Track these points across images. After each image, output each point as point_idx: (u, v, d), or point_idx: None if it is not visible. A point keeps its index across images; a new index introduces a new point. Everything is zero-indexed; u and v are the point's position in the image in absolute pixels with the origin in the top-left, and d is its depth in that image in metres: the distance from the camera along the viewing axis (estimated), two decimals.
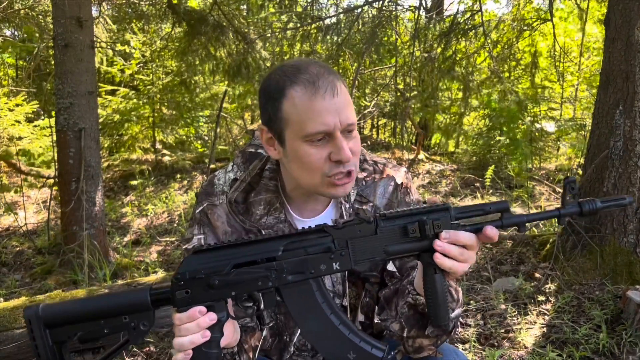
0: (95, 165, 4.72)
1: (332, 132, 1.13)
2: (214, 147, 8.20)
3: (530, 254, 3.85)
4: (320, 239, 1.04)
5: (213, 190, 1.34)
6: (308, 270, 1.03)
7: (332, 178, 1.16)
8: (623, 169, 3.16)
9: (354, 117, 1.17)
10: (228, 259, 1.02)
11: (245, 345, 1.25)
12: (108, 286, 3.39)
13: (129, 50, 8.46)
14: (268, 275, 1.02)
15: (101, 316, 1.04)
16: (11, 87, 9.58)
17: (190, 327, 1.01)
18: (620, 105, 3.17)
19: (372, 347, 1.07)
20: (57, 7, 4.55)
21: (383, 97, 9.32)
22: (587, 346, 2.53)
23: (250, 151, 1.39)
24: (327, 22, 6.27)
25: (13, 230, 6.50)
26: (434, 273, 1.04)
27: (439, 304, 1.05)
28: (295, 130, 1.15)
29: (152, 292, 1.04)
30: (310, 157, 1.15)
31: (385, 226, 1.03)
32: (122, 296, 1.06)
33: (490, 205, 1.05)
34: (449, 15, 6.67)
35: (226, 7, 6.28)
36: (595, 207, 1.04)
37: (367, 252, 1.03)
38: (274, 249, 1.02)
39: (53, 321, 1.03)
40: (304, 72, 1.14)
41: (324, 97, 1.12)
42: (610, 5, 3.32)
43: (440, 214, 1.03)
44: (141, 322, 1.04)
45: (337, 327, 1.06)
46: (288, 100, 1.14)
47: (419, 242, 1.03)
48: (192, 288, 1.02)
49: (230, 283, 1.02)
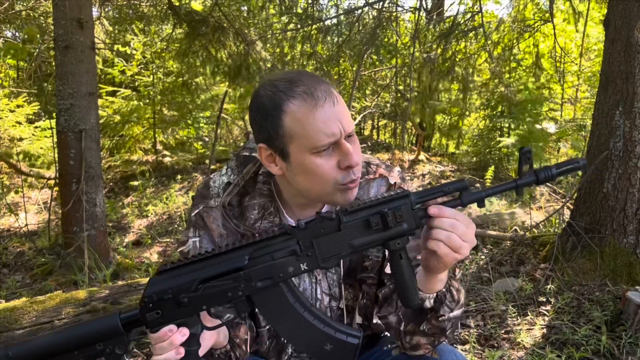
0: (95, 166, 4.73)
1: (337, 140, 1.13)
2: (214, 148, 8.21)
3: (530, 254, 3.85)
4: (285, 242, 1.03)
5: (209, 193, 1.34)
6: (276, 275, 1.02)
7: (345, 185, 1.16)
8: (623, 170, 3.16)
9: (352, 124, 1.17)
10: (194, 275, 1.01)
11: (236, 340, 1.26)
12: (108, 287, 3.39)
13: (129, 51, 8.48)
14: (237, 286, 1.01)
15: (74, 347, 1.02)
16: (12, 88, 9.59)
17: (164, 346, 1.01)
18: (620, 106, 3.17)
19: (347, 336, 1.08)
20: (58, 9, 4.56)
21: (383, 97, 9.33)
22: (587, 347, 2.53)
23: (244, 155, 1.39)
24: (327, 23, 6.28)
25: (14, 231, 6.51)
26: (400, 259, 1.05)
27: (407, 286, 1.07)
28: (302, 144, 1.13)
29: (122, 317, 1.03)
30: (321, 168, 1.14)
31: (347, 221, 1.03)
32: (92, 324, 1.04)
33: (448, 186, 1.05)
34: (449, 16, 6.67)
35: (227, 8, 6.29)
36: (550, 174, 1.05)
37: (332, 249, 1.03)
38: (240, 259, 1.01)
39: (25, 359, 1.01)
40: (298, 84, 1.13)
41: (324, 106, 1.11)
42: (610, 6, 3.32)
43: (401, 202, 1.03)
44: (116, 347, 1.03)
45: (312, 322, 1.07)
46: (288, 115, 1.13)
47: (382, 233, 1.03)
48: (162, 308, 1.01)
49: (199, 298, 1.01)
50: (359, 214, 1.03)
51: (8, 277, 4.75)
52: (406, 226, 1.03)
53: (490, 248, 4.19)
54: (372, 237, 1.03)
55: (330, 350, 1.08)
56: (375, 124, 11.57)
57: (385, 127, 11.83)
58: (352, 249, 1.04)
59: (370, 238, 1.03)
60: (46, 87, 9.17)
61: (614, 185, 3.20)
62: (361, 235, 1.03)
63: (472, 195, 1.06)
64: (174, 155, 9.07)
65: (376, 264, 1.33)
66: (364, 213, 1.03)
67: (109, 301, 3.11)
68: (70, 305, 3.02)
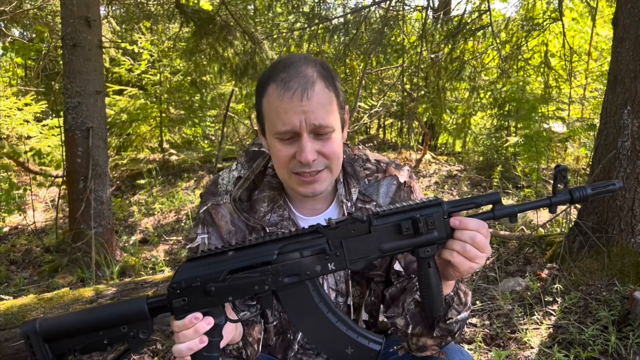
0: (102, 164, 4.75)
1: (298, 132, 1.15)
2: (220, 146, 8.22)
3: (537, 254, 3.83)
4: (314, 240, 1.03)
5: (217, 190, 1.36)
6: (304, 272, 1.03)
7: (299, 176, 1.19)
8: (631, 169, 3.14)
9: (326, 120, 1.16)
10: (224, 265, 1.02)
11: (249, 339, 1.26)
12: (115, 284, 3.41)
13: (137, 50, 8.50)
14: (264, 279, 1.02)
15: (100, 327, 1.03)
16: (20, 86, 9.65)
17: (187, 333, 1.01)
18: (628, 105, 3.15)
19: (370, 341, 1.08)
20: (66, 7, 4.58)
21: (390, 97, 9.30)
22: (594, 347, 2.52)
23: (253, 150, 1.41)
24: (334, 22, 6.27)
25: (22, 228, 6.55)
26: (428, 267, 1.05)
27: (434, 296, 1.06)
28: (269, 126, 1.19)
29: (149, 302, 1.04)
30: (279, 153, 1.19)
31: (378, 224, 1.03)
32: (120, 306, 1.05)
33: (482, 198, 1.05)
34: (457, 15, 6.65)
35: (233, 7, 6.29)
36: (585, 194, 1.04)
37: (361, 251, 1.03)
38: (269, 253, 1.02)
39: (51, 335, 1.03)
40: (283, 70, 1.16)
41: (291, 98, 1.13)
42: (619, 5, 3.30)
43: (432, 210, 1.03)
44: (140, 331, 1.04)
45: (335, 324, 1.07)
46: (266, 97, 1.19)
47: (412, 239, 1.03)
48: (189, 296, 1.02)
49: (226, 289, 1.02)
50: (390, 219, 1.03)
51: (16, 275, 4.78)
52: (437, 234, 1.03)
53: (497, 247, 4.17)
54: (402, 242, 1.03)
55: (350, 354, 1.07)
56: (382, 123, 11.54)
57: (391, 126, 11.81)
58: (380, 253, 1.03)
59: (400, 243, 1.03)
60: (54, 85, 9.21)
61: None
62: (391, 240, 1.03)
63: (505, 209, 1.05)
64: (181, 154, 9.08)
65: (385, 262, 1.33)
66: (396, 218, 1.03)
67: (115, 299, 3.13)
68: (77, 302, 3.04)
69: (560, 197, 1.05)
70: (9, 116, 7.40)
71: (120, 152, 9.25)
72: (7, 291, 4.21)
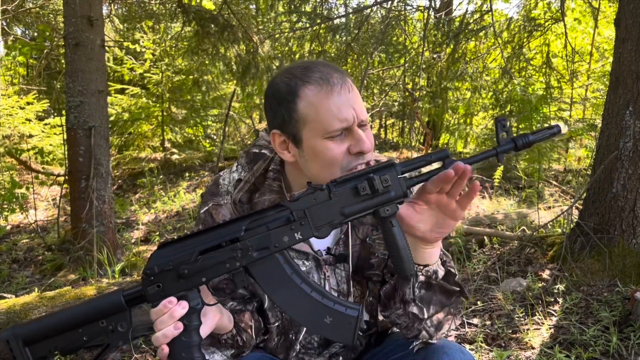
0: (104, 163, 4.76)
1: (351, 126, 1.16)
2: (222, 146, 8.23)
3: (538, 254, 3.83)
4: (279, 213, 1.05)
5: (218, 190, 1.36)
6: (272, 244, 1.04)
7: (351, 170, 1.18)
8: (633, 170, 3.14)
9: (365, 111, 1.21)
10: (193, 246, 1.04)
11: (242, 324, 1.27)
12: (117, 283, 3.41)
13: (139, 49, 8.51)
14: (234, 256, 1.04)
15: (78, 324, 1.04)
16: (22, 85, 9.66)
17: (164, 319, 1.02)
18: (630, 105, 3.15)
19: (347, 308, 1.09)
20: (68, 6, 4.59)
21: (391, 96, 9.31)
22: (595, 347, 2.52)
23: (254, 152, 1.40)
24: (336, 22, 6.28)
25: (23, 227, 6.56)
26: (391, 227, 1.07)
27: (402, 255, 1.08)
28: (315, 128, 1.17)
29: (125, 293, 1.06)
30: (331, 152, 1.17)
31: (337, 190, 1.05)
32: (96, 301, 1.06)
33: (431, 155, 1.08)
34: (459, 15, 6.64)
35: (235, 7, 6.30)
36: (528, 140, 1.08)
37: (325, 218, 1.05)
38: (237, 230, 1.04)
39: (31, 338, 1.03)
40: (314, 71, 1.17)
41: (339, 93, 1.15)
42: (621, 5, 3.30)
43: (386, 170, 1.05)
44: (118, 324, 1.04)
45: (310, 294, 1.08)
46: (303, 100, 1.16)
47: (371, 200, 1.05)
48: (163, 281, 1.04)
49: (199, 269, 1.03)
50: (347, 183, 1.06)
51: (18, 273, 4.79)
52: (394, 194, 1.05)
53: (498, 248, 4.17)
54: (362, 204, 1.05)
55: (330, 323, 1.08)
56: (383, 123, 11.55)
57: (393, 126, 11.82)
58: (344, 217, 1.06)
59: (361, 205, 1.05)
60: (56, 84, 9.22)
61: (623, 186, 3.18)
62: (351, 203, 1.05)
63: (455, 163, 1.08)
64: (182, 153, 9.10)
65: (382, 261, 1.34)
66: (353, 182, 1.06)
67: None
68: (79, 301, 3.05)
69: (505, 146, 1.08)
70: (10, 115, 7.40)
71: (122, 151, 9.27)
72: (9, 289, 4.22)
